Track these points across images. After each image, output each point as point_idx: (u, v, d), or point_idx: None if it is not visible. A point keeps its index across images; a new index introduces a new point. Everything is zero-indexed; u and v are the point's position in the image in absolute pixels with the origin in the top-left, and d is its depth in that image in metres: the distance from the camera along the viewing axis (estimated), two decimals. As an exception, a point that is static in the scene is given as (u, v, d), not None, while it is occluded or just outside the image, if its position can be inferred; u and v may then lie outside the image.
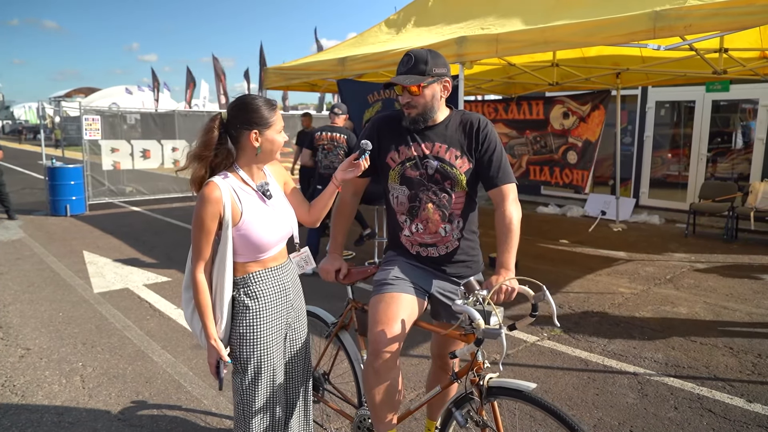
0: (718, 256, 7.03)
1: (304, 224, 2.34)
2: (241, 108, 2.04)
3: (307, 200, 2.31)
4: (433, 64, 2.19)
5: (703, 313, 4.93)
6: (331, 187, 2.23)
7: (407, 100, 2.22)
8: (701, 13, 3.65)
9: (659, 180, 10.17)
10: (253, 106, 2.03)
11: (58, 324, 4.62)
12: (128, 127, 12.49)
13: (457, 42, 4.88)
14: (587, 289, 5.64)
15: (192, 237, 2.03)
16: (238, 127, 2.02)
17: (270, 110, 2.04)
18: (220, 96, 20.10)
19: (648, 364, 3.87)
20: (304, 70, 6.88)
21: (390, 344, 2.14)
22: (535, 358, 3.99)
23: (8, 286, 5.69)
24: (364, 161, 2.16)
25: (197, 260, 2.02)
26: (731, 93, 7.99)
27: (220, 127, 2.04)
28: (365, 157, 2.16)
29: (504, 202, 2.21)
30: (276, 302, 2.14)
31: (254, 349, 2.08)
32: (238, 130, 2.02)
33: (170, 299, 5.25)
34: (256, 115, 2.02)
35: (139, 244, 7.73)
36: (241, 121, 2.02)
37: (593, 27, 4.15)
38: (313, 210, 2.28)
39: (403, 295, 2.23)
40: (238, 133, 2.03)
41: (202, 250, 2.01)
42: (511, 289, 2.01)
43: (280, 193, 2.21)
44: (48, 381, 3.61)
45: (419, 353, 4.02)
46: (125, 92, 34.08)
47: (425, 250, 2.34)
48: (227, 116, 2.05)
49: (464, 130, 2.28)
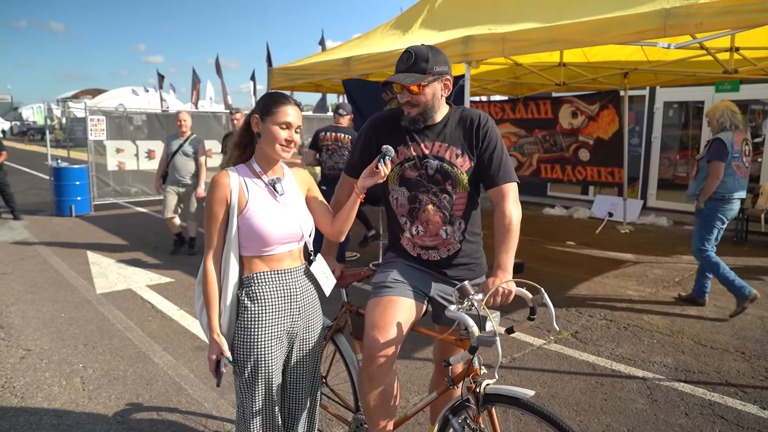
0: (728, 259, 6.92)
1: (328, 237, 2.31)
2: (261, 98, 2.14)
3: (332, 212, 2.26)
4: (434, 61, 2.12)
5: (713, 316, 4.84)
6: (353, 197, 2.16)
7: (407, 99, 2.16)
8: (712, 10, 3.57)
9: (667, 181, 10.08)
10: (267, 96, 2.12)
11: (60, 325, 4.58)
12: (134, 127, 12.49)
13: (463, 41, 4.81)
14: (594, 292, 5.56)
15: (204, 225, 2.09)
16: (251, 114, 2.12)
17: (279, 102, 2.06)
18: (226, 97, 20.10)
19: (657, 369, 3.79)
20: (309, 71, 6.82)
21: (385, 349, 2.08)
22: (542, 362, 3.92)
23: (11, 286, 5.67)
24: (384, 166, 2.07)
25: (207, 248, 2.07)
26: (741, 93, 7.88)
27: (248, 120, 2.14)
28: (385, 162, 2.07)
29: (504, 202, 2.14)
30: (279, 307, 2.08)
31: (251, 352, 2.03)
32: (249, 116, 2.12)
33: (173, 300, 5.20)
34: (264, 102, 2.09)
35: (143, 244, 7.71)
36: (254, 108, 2.12)
37: (601, 25, 4.08)
38: (336, 222, 2.22)
39: (401, 299, 2.17)
40: (249, 119, 2.12)
41: (211, 237, 2.06)
42: (508, 292, 1.93)
43: (297, 194, 2.17)
44: (48, 383, 3.57)
45: (423, 356, 3.96)
46: (131, 93, 34.17)
47: (426, 252, 2.28)
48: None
49: (464, 128, 2.21)
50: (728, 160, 4.70)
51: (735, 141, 4.72)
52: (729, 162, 4.70)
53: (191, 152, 6.74)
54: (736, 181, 4.75)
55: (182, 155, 6.71)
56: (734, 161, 4.72)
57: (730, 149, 4.69)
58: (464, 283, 1.89)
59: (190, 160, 6.75)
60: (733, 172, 4.72)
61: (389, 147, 2.08)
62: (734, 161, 4.72)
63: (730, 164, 4.70)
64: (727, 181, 4.72)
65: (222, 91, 20.32)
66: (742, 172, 4.77)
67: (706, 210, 4.85)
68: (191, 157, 6.74)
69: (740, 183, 4.79)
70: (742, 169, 4.77)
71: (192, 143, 6.77)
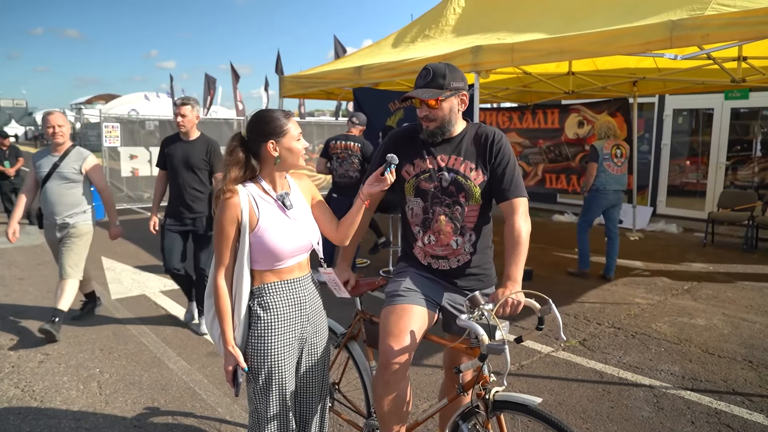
0: (738, 267, 6.93)
1: (332, 242, 2.34)
2: (256, 122, 2.10)
3: (336, 218, 2.32)
4: (451, 78, 2.22)
5: (721, 324, 4.86)
6: (357, 202, 2.23)
7: (425, 113, 2.25)
8: (719, 22, 3.62)
9: (677, 188, 10.07)
10: (266, 118, 2.09)
11: (76, 330, 4.69)
12: (147, 133, 12.67)
13: (472, 51, 4.88)
14: (603, 299, 5.59)
15: (214, 242, 2.11)
16: (255, 140, 2.09)
17: (284, 119, 2.09)
18: (237, 103, 20.29)
19: (664, 377, 3.82)
20: (321, 79, 6.92)
21: (400, 356, 2.16)
22: (550, 369, 3.97)
23: (28, 291, 5.79)
24: (390, 174, 2.16)
25: (218, 265, 2.10)
26: (751, 101, 7.90)
27: (241, 145, 2.10)
28: (391, 170, 2.15)
29: (514, 215, 2.22)
30: (290, 315, 2.16)
31: (264, 360, 2.10)
32: (257, 143, 2.09)
33: (186, 306, 5.29)
34: (270, 125, 2.07)
35: (157, 250, 7.75)
36: (258, 134, 2.08)
37: (609, 36, 4.13)
38: (341, 228, 2.28)
39: (414, 307, 2.25)
40: (257, 146, 2.09)
41: (222, 255, 2.08)
42: (516, 302, 2.01)
43: (304, 206, 2.23)
44: (66, 386, 3.66)
45: (433, 363, 4.02)
46: (144, 99, 34.56)
47: (437, 262, 2.36)
48: (246, 133, 2.11)
49: (479, 143, 2.30)
50: (600, 161, 6.11)
51: (605, 147, 6.17)
52: (601, 162, 6.11)
53: (75, 174, 4.49)
54: (608, 177, 6.14)
55: (60, 180, 4.45)
56: (605, 161, 6.13)
57: (600, 153, 6.13)
58: (475, 293, 1.97)
59: (74, 186, 4.51)
60: (605, 169, 6.12)
61: (394, 156, 2.16)
62: (605, 161, 6.13)
63: (602, 164, 6.12)
64: (601, 177, 6.14)
65: (234, 97, 20.51)
66: (613, 169, 6.15)
67: (587, 198, 6.35)
68: (74, 182, 4.50)
69: (612, 178, 6.16)
70: (613, 167, 6.15)
71: (73, 160, 4.49)
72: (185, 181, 4.48)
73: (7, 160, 9.39)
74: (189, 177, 4.48)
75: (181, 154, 4.48)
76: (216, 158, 4.50)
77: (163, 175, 4.71)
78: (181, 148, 4.51)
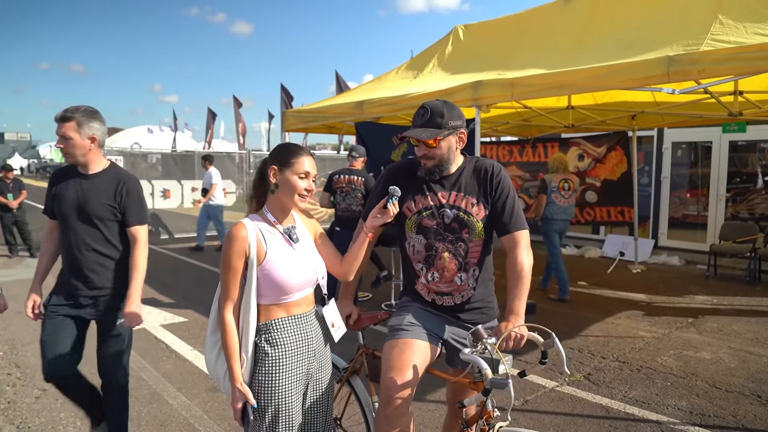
0: (741, 299, 6.89)
1: (336, 277, 2.32)
2: (275, 148, 2.19)
3: (339, 252, 2.32)
4: (449, 116, 2.22)
5: (727, 358, 4.80)
6: (361, 236, 2.23)
7: (423, 152, 2.25)
8: (715, 57, 3.68)
9: (678, 220, 10.07)
10: (282, 146, 2.17)
11: (75, 364, 4.62)
12: (149, 166, 12.76)
13: (473, 86, 4.95)
14: (607, 333, 5.54)
15: (221, 277, 2.08)
16: (267, 162, 2.16)
17: (296, 153, 2.12)
18: (239, 136, 20.46)
19: (672, 412, 3.76)
20: (323, 113, 7.01)
21: (402, 391, 2.13)
22: (555, 404, 3.90)
23: (28, 324, 5.74)
24: (392, 206, 2.15)
25: (225, 300, 2.07)
26: (748, 134, 7.99)
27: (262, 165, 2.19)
28: (393, 202, 2.15)
29: (516, 249, 2.21)
30: (297, 351, 2.13)
31: (272, 397, 2.07)
32: (266, 165, 2.15)
33: (187, 340, 5.24)
34: (281, 153, 2.13)
35: (157, 283, 7.78)
36: (270, 157, 2.16)
37: (607, 71, 4.20)
38: (344, 262, 2.27)
39: (416, 341, 2.23)
40: (265, 168, 2.16)
41: (230, 290, 2.06)
42: (520, 336, 2.00)
43: (309, 240, 2.24)
44: (63, 423, 3.60)
45: (436, 398, 3.96)
46: (147, 132, 34.92)
47: (441, 298, 2.35)
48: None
49: (478, 177, 2.30)
50: (549, 193, 6.65)
51: (554, 180, 6.70)
52: (549, 194, 6.64)
53: None
54: (555, 207, 6.67)
55: None
56: (553, 193, 6.66)
57: (549, 186, 6.67)
58: (478, 327, 1.95)
59: None
60: (553, 201, 6.66)
61: (396, 188, 2.16)
62: (553, 193, 6.66)
63: (550, 196, 6.65)
64: (549, 207, 6.66)
65: (236, 130, 20.69)
66: (560, 201, 6.67)
67: (542, 228, 6.76)
68: None
69: (559, 208, 6.67)
70: (560, 199, 6.67)
71: None
72: (79, 237, 2.81)
73: (10, 193, 9.44)
74: (85, 232, 2.81)
75: (74, 197, 2.81)
76: (131, 203, 2.85)
77: (53, 227, 2.99)
78: (76, 186, 2.82)
